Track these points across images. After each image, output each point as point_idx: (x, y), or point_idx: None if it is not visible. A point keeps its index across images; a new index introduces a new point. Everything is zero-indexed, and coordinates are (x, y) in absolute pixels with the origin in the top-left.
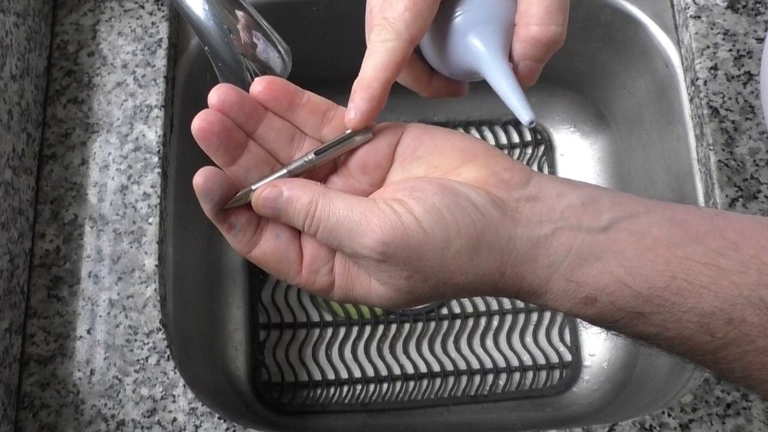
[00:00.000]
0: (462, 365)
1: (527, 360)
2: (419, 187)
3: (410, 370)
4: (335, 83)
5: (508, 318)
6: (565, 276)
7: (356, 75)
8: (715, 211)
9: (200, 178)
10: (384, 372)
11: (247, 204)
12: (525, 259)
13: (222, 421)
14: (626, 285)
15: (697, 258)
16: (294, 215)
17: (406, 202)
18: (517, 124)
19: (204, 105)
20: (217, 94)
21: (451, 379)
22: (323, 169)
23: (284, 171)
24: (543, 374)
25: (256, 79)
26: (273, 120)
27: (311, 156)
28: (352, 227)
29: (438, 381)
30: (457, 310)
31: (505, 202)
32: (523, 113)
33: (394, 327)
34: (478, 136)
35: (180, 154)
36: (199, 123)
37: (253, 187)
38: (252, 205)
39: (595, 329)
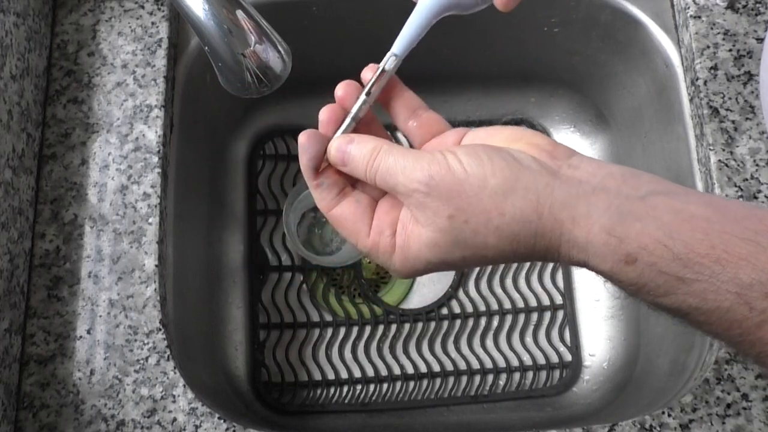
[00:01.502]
0: (462, 365)
1: (527, 360)
2: (468, 143)
3: (410, 370)
4: (335, 83)
5: (508, 318)
6: (606, 228)
7: (356, 75)
8: (754, 204)
9: (304, 137)
10: (384, 372)
11: (333, 168)
12: (563, 206)
13: (222, 421)
14: (666, 247)
15: (736, 234)
16: (360, 159)
17: (453, 150)
18: (516, 125)
19: (204, 105)
20: (343, 89)
21: (451, 379)
22: None
23: (349, 119)
24: (543, 374)
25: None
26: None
27: (363, 96)
28: (406, 165)
29: (438, 381)
30: (457, 310)
31: (546, 163)
32: (396, 45)
33: (394, 327)
34: None
35: (180, 154)
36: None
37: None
38: (327, 154)
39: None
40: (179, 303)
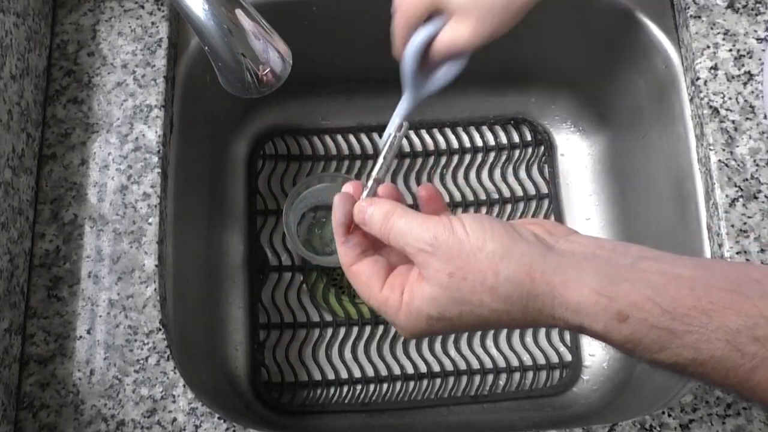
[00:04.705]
0: (462, 365)
1: (527, 360)
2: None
3: (410, 370)
4: (335, 83)
5: None
6: (596, 289)
7: (356, 75)
8: (740, 262)
9: (338, 197)
10: (384, 372)
11: (361, 231)
12: (555, 272)
13: (222, 421)
14: (655, 303)
15: (720, 286)
16: (377, 219)
17: (460, 216)
18: (517, 124)
19: (204, 105)
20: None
21: (451, 379)
22: None
23: (371, 182)
24: (543, 374)
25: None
26: None
27: (381, 159)
28: (414, 227)
29: (438, 381)
30: None
31: (544, 238)
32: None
33: (394, 327)
34: (477, 136)
35: (180, 154)
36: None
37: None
38: (353, 213)
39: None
40: (179, 303)
